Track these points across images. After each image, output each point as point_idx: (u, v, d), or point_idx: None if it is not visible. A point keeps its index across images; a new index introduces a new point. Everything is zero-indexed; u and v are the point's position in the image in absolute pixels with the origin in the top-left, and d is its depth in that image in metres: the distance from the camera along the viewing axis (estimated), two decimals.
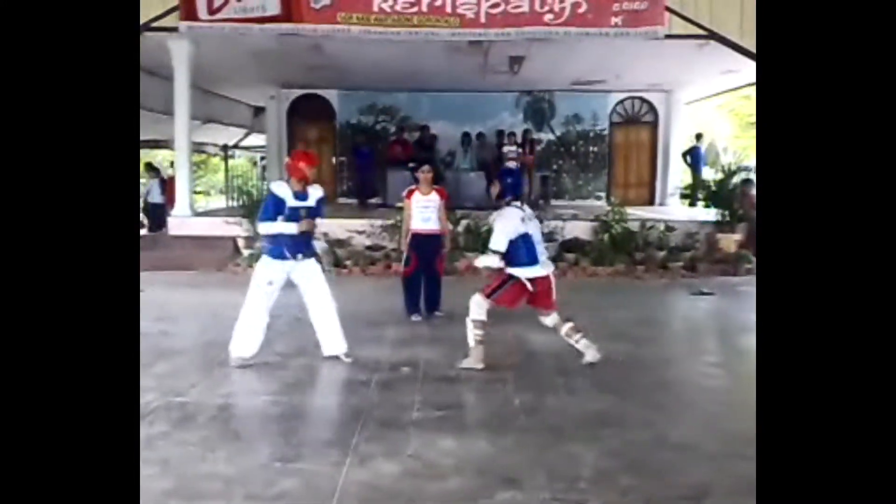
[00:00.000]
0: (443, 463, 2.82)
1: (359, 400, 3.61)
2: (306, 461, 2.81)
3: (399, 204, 6.48)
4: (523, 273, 4.12)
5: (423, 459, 2.85)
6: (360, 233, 8.61)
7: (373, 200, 11.72)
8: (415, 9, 7.52)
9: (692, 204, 12.03)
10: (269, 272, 4.14)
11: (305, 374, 4.09)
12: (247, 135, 17.12)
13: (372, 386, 3.86)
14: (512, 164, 10.88)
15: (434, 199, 5.49)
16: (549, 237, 8.26)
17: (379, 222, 8.51)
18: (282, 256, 4.11)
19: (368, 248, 8.43)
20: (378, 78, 11.58)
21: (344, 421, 3.32)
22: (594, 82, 12.19)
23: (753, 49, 7.53)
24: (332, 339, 4.29)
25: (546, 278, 4.21)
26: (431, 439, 3.06)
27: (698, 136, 12.85)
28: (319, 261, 4.32)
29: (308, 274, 4.23)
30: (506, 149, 11.59)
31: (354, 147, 12.61)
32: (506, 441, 3.07)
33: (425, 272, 5.51)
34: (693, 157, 12.53)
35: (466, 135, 12.10)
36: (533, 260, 4.13)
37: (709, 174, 11.74)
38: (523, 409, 3.49)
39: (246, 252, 8.28)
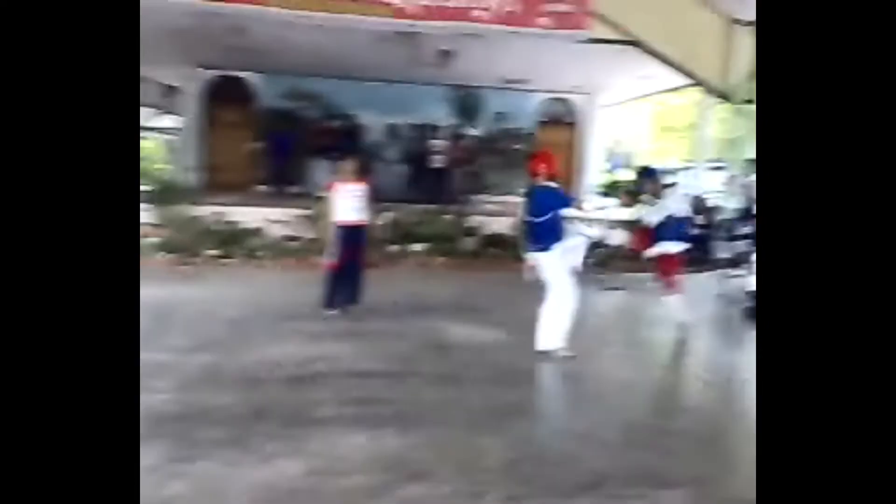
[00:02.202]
0: (350, 459, 2.75)
1: (264, 397, 3.46)
2: (200, 462, 2.65)
3: (321, 193, 6.29)
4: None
5: (329, 456, 2.77)
6: (276, 222, 8.30)
7: (292, 189, 11.35)
8: None
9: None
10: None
11: (207, 371, 3.87)
12: (158, 115, 16.11)
13: (282, 382, 3.71)
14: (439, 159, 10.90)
15: (358, 189, 5.37)
16: (471, 232, 8.36)
17: (297, 212, 8.23)
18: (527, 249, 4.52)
19: (285, 238, 8.15)
20: (302, 62, 11.20)
21: (245, 419, 3.16)
22: (521, 81, 12.40)
23: (677, 56, 7.88)
24: (548, 335, 4.38)
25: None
26: (340, 436, 2.98)
27: (614, 142, 13.83)
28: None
29: (545, 266, 4.43)
30: (433, 142, 11.61)
31: (271, 132, 12.11)
32: (416, 436, 3.04)
33: (349, 264, 5.38)
34: (610, 162, 13.50)
35: (393, 126, 11.96)
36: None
37: (626, 175, 12.34)
38: (435, 404, 3.48)
39: (152, 240, 7.77)
